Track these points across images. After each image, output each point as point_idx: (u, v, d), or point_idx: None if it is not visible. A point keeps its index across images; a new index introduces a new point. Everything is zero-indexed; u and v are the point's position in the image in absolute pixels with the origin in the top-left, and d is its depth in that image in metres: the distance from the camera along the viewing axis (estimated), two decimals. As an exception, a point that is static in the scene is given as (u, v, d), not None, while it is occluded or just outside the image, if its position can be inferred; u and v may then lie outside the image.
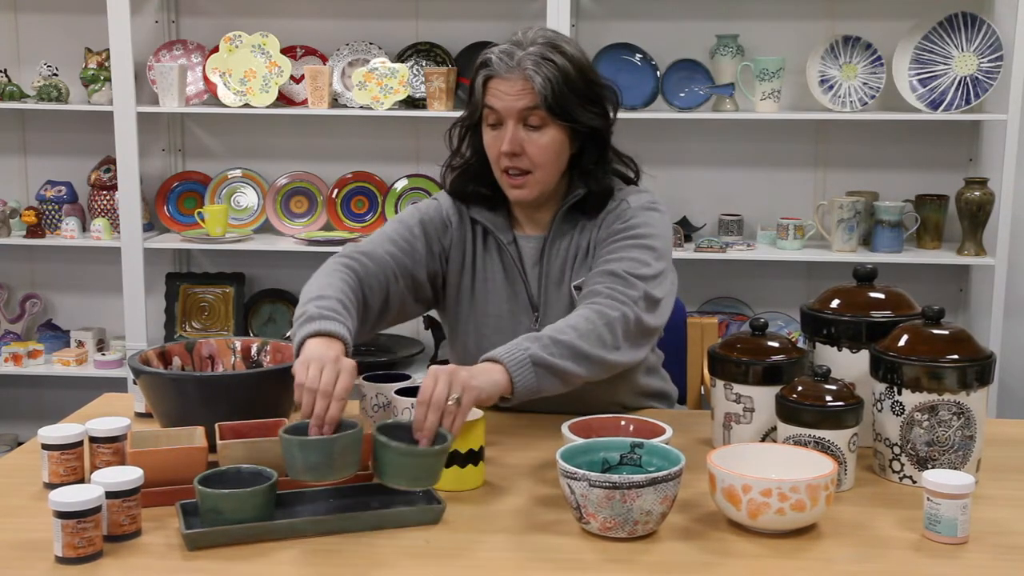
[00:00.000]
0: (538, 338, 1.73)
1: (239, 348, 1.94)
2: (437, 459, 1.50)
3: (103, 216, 3.64)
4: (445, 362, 2.13)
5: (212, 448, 1.59)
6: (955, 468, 1.63)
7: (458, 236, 2.02)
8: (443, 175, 2.05)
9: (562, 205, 1.97)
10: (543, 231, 2.00)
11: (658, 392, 2.14)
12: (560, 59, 1.87)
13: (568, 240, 1.98)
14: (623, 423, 1.72)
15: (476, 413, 1.67)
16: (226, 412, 1.66)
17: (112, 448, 1.61)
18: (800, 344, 1.82)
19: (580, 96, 1.88)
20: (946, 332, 1.64)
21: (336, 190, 3.68)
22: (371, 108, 3.45)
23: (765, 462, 1.54)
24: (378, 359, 3.43)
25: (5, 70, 3.63)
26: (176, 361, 1.89)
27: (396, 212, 3.64)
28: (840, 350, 1.76)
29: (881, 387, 1.66)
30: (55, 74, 3.61)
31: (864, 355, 1.72)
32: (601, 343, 1.76)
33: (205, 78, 3.59)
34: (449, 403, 1.54)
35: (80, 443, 1.61)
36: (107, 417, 1.65)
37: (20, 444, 3.34)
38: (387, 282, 1.92)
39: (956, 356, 1.61)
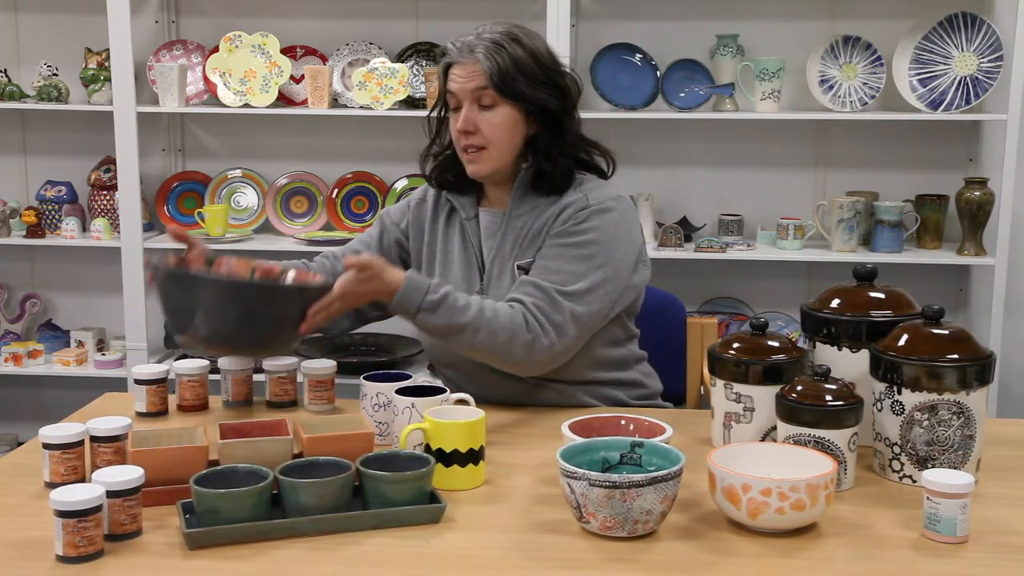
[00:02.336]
0: (441, 309, 1.88)
1: (257, 272, 1.95)
2: (423, 482, 1.52)
3: (103, 216, 3.64)
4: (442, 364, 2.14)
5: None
6: (955, 467, 1.63)
7: (416, 216, 2.18)
8: (421, 162, 2.19)
9: (517, 181, 2.06)
10: (503, 207, 2.09)
11: (629, 382, 2.15)
12: (511, 45, 2.00)
13: (525, 219, 2.06)
14: (623, 422, 1.72)
15: (477, 413, 1.67)
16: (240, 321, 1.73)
17: (113, 447, 1.61)
18: (800, 344, 1.82)
19: (530, 77, 2.00)
20: (946, 332, 1.64)
21: (336, 190, 3.68)
22: (371, 108, 3.45)
23: (765, 461, 1.54)
24: (378, 359, 3.43)
25: (5, 70, 3.64)
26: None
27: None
28: (840, 350, 1.77)
29: (881, 386, 1.66)
30: (55, 74, 3.61)
31: (864, 355, 1.72)
32: (501, 348, 1.91)
33: (205, 78, 3.59)
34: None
35: (81, 442, 1.61)
36: (108, 416, 1.65)
37: (20, 444, 3.34)
38: (333, 263, 2.16)
39: (956, 356, 1.61)
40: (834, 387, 1.62)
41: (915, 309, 1.78)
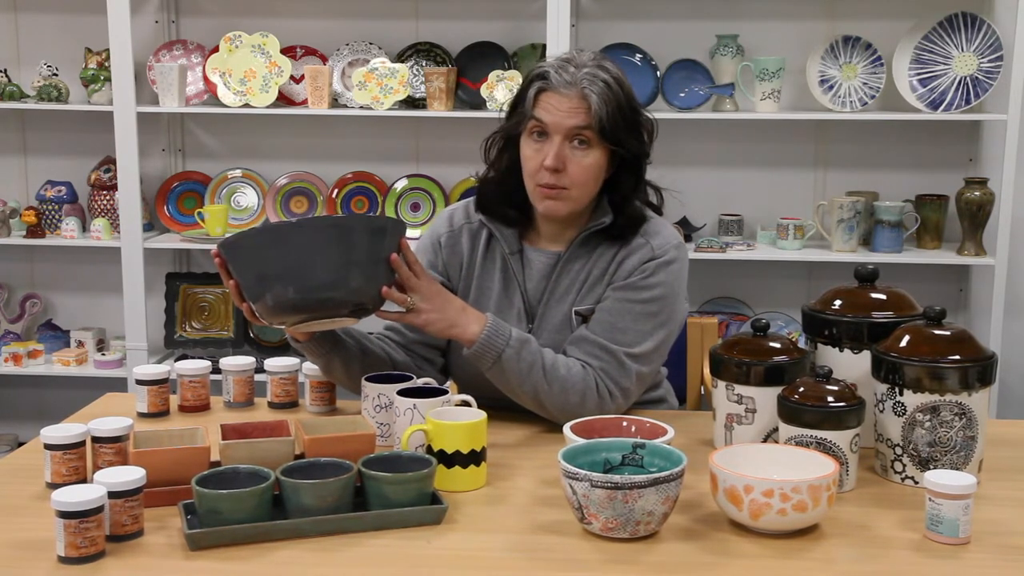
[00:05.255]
0: (524, 353, 1.84)
1: None
2: (424, 483, 1.52)
3: (103, 216, 3.64)
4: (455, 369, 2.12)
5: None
6: (957, 469, 1.63)
7: (450, 255, 2.05)
8: (479, 187, 2.04)
9: (586, 228, 1.97)
10: (560, 248, 2.00)
11: (656, 399, 2.15)
12: (613, 81, 1.88)
13: (582, 263, 1.99)
14: (625, 424, 1.72)
15: (478, 414, 1.67)
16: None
17: (114, 448, 1.61)
18: (801, 345, 1.82)
19: (627, 121, 1.90)
20: (947, 333, 1.64)
21: (336, 190, 3.68)
22: (371, 108, 3.45)
23: (767, 463, 1.54)
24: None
25: (5, 70, 3.63)
26: None
27: (396, 212, 3.65)
28: (841, 351, 1.77)
29: (883, 388, 1.66)
30: (55, 74, 3.61)
31: (865, 356, 1.72)
32: (570, 407, 1.85)
33: (205, 78, 3.59)
34: (408, 302, 1.77)
35: (82, 443, 1.61)
36: (109, 417, 1.65)
37: (21, 444, 3.34)
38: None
39: (958, 356, 1.61)
40: (836, 388, 1.62)
41: (916, 310, 1.78)
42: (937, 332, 1.65)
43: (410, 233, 3.60)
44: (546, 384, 1.85)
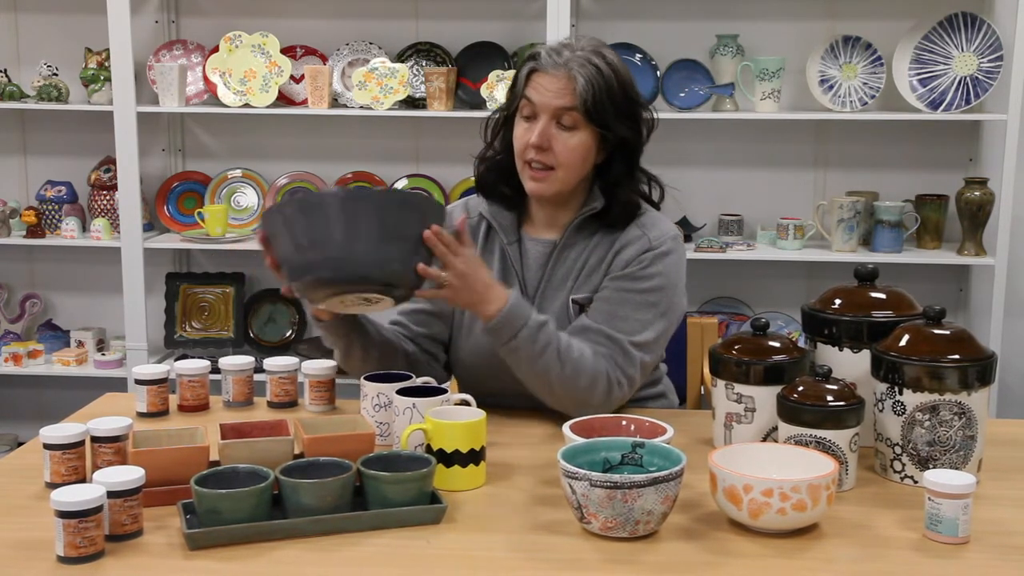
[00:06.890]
0: (540, 335, 1.82)
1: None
2: (424, 482, 1.51)
3: (103, 216, 3.64)
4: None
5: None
6: (956, 468, 1.63)
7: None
8: (476, 166, 2.07)
9: (579, 214, 1.98)
10: (556, 235, 2.02)
11: (655, 395, 2.15)
12: (605, 67, 1.90)
13: (579, 251, 2.00)
14: (624, 423, 1.72)
15: (478, 413, 1.67)
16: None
17: (114, 448, 1.61)
18: (801, 344, 1.82)
19: (617, 106, 1.91)
20: (947, 332, 1.64)
21: (336, 190, 3.68)
22: (371, 108, 3.45)
23: (766, 462, 1.54)
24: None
25: (5, 70, 3.63)
26: None
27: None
28: (841, 350, 1.77)
29: (882, 387, 1.66)
30: (55, 74, 3.61)
31: (865, 355, 1.72)
32: (580, 391, 1.86)
33: (205, 78, 3.59)
34: (443, 275, 1.74)
35: (82, 443, 1.61)
36: (109, 417, 1.65)
37: (20, 444, 3.34)
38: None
39: (957, 356, 1.61)
40: (835, 387, 1.62)
41: (916, 309, 1.78)
42: (937, 332, 1.65)
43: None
44: (559, 365, 1.84)
